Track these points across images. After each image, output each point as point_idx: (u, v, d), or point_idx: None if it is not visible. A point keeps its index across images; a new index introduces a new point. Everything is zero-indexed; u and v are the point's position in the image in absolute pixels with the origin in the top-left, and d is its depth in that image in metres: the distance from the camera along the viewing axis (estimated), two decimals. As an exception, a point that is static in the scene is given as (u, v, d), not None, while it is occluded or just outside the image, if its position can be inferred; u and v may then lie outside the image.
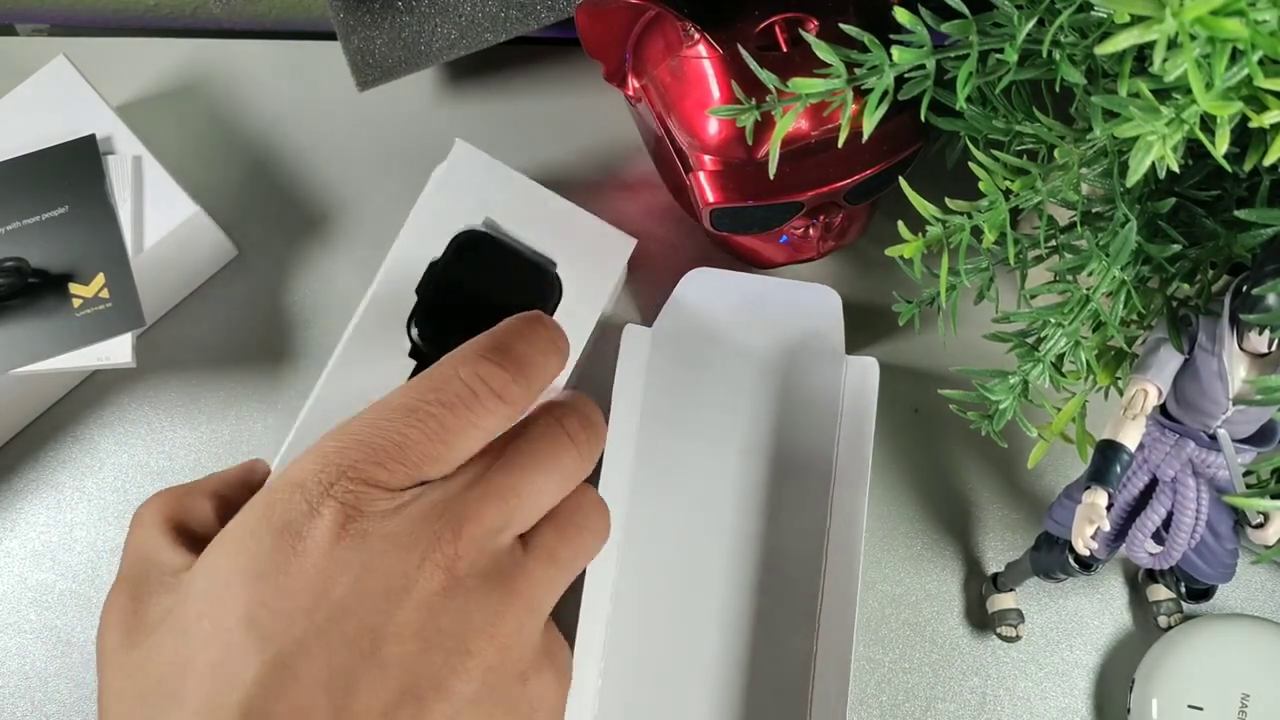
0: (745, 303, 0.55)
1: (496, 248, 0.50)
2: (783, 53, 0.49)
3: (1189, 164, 0.42)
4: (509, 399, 0.39)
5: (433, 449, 0.37)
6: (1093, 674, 0.55)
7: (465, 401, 0.37)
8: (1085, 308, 0.43)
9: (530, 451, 0.39)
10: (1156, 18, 0.30)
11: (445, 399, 0.37)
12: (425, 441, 0.37)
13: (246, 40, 0.64)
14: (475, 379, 0.38)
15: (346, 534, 0.35)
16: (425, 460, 0.37)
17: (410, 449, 0.36)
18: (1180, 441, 0.42)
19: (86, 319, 0.51)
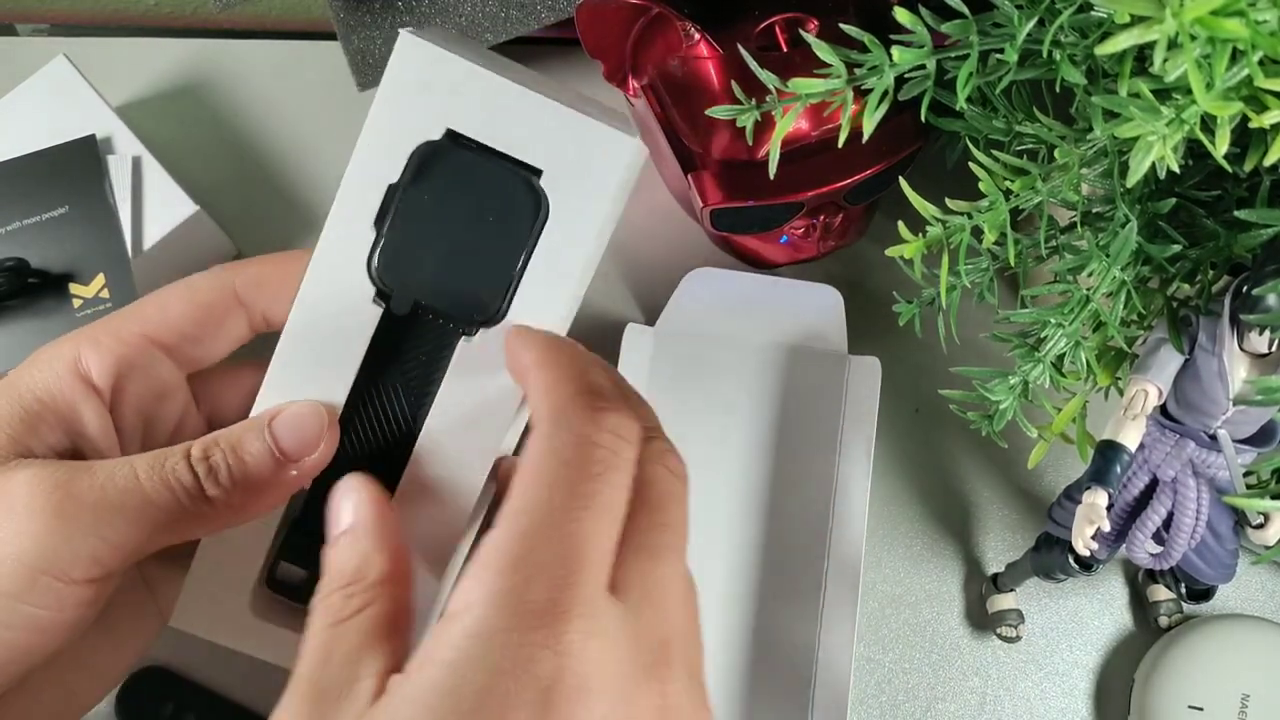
0: (747, 302, 0.55)
1: (463, 159, 0.40)
2: (783, 53, 0.49)
3: (1189, 164, 0.42)
4: (637, 441, 0.34)
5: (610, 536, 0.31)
6: (1093, 674, 0.55)
7: (612, 466, 0.32)
8: (1086, 308, 0.43)
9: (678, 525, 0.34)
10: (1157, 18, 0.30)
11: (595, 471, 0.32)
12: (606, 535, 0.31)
13: (246, 40, 0.64)
14: (613, 439, 0.33)
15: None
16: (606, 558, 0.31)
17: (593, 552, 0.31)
18: (1180, 442, 0.42)
19: (87, 319, 0.51)
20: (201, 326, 0.40)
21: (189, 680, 0.53)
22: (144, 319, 0.39)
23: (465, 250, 0.38)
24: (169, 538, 0.36)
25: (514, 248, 0.39)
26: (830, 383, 0.55)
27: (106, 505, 0.34)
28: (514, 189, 0.40)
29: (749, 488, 0.54)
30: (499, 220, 0.39)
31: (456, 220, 0.40)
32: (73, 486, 0.34)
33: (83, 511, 0.34)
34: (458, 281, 0.39)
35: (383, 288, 0.39)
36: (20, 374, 0.38)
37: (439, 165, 0.39)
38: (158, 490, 0.35)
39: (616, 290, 0.60)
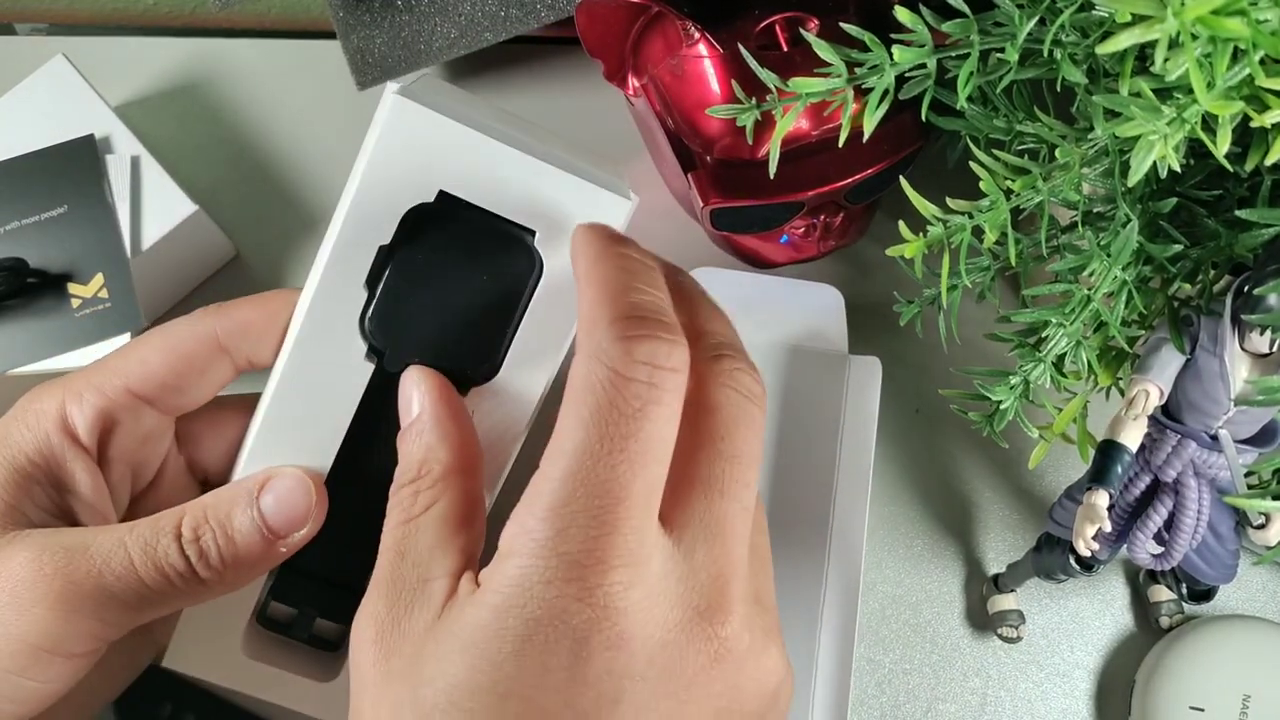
0: (747, 302, 0.55)
1: (456, 221, 0.40)
2: (783, 52, 0.49)
3: (1190, 164, 0.42)
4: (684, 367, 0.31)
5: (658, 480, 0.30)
6: (1094, 675, 0.55)
7: (651, 400, 0.30)
8: (1087, 308, 0.43)
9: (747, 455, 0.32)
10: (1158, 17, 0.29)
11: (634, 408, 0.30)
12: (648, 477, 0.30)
13: (246, 40, 0.64)
14: (649, 370, 0.30)
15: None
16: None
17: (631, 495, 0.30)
18: (1182, 442, 0.42)
19: (85, 319, 0.51)
20: (183, 377, 0.40)
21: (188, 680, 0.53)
22: (125, 373, 0.39)
23: (459, 310, 0.38)
24: (163, 611, 0.37)
25: (508, 307, 0.39)
26: (830, 382, 0.55)
27: (104, 592, 0.35)
28: (508, 249, 0.40)
29: (749, 488, 0.53)
30: (493, 280, 0.39)
31: (450, 280, 0.40)
32: (72, 573, 0.35)
33: (83, 600, 0.35)
34: (452, 340, 0.39)
35: (376, 346, 0.39)
36: (7, 431, 0.38)
37: (432, 226, 0.39)
38: (152, 576, 0.36)
39: (616, 290, 0.59)
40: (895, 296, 0.50)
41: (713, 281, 0.55)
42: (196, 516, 0.37)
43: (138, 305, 0.52)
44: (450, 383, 0.37)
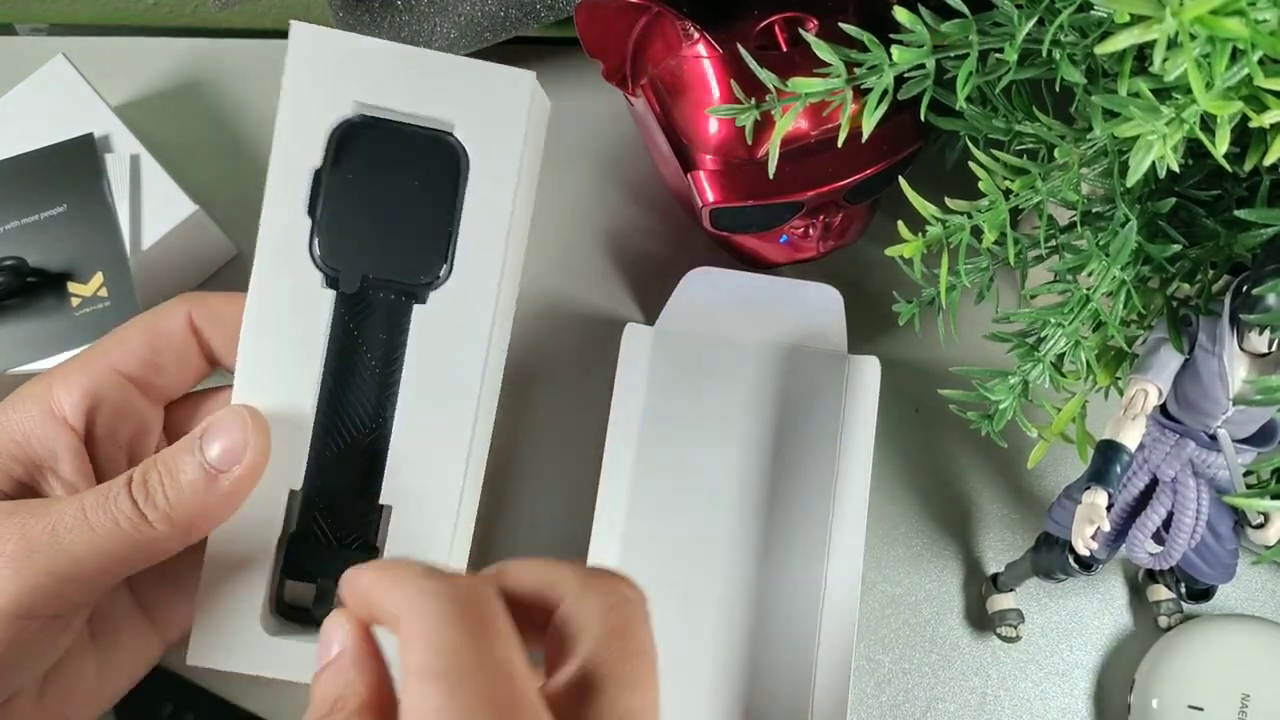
0: (747, 302, 0.55)
1: (380, 131, 0.41)
2: (782, 52, 0.49)
3: (1189, 164, 0.42)
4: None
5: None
6: (1093, 674, 0.55)
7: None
8: (1085, 308, 0.43)
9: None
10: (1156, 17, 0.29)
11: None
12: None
13: (245, 39, 0.64)
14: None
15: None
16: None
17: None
18: (1180, 441, 0.42)
19: (85, 318, 0.51)
20: (160, 354, 0.40)
21: (188, 680, 0.53)
22: (105, 350, 0.40)
23: (400, 217, 0.39)
24: (128, 567, 0.37)
25: (444, 204, 0.40)
26: (830, 382, 0.55)
27: (59, 548, 0.35)
28: (431, 149, 0.41)
29: (748, 487, 0.53)
30: (424, 181, 0.41)
31: (385, 190, 0.41)
32: (26, 530, 0.35)
33: (39, 555, 0.35)
34: (399, 249, 0.40)
35: (329, 271, 0.40)
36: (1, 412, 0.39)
37: (356, 142, 0.41)
38: (102, 524, 0.36)
39: (616, 290, 0.59)
40: (894, 296, 0.50)
41: (712, 281, 0.55)
42: (146, 465, 0.37)
43: (138, 304, 0.52)
44: (369, 631, 0.33)
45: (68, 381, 0.39)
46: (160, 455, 0.37)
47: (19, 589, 0.35)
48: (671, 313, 0.55)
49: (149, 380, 0.41)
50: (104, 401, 0.39)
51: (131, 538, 0.36)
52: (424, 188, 0.40)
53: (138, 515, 0.36)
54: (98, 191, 0.53)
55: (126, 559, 0.36)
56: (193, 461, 0.37)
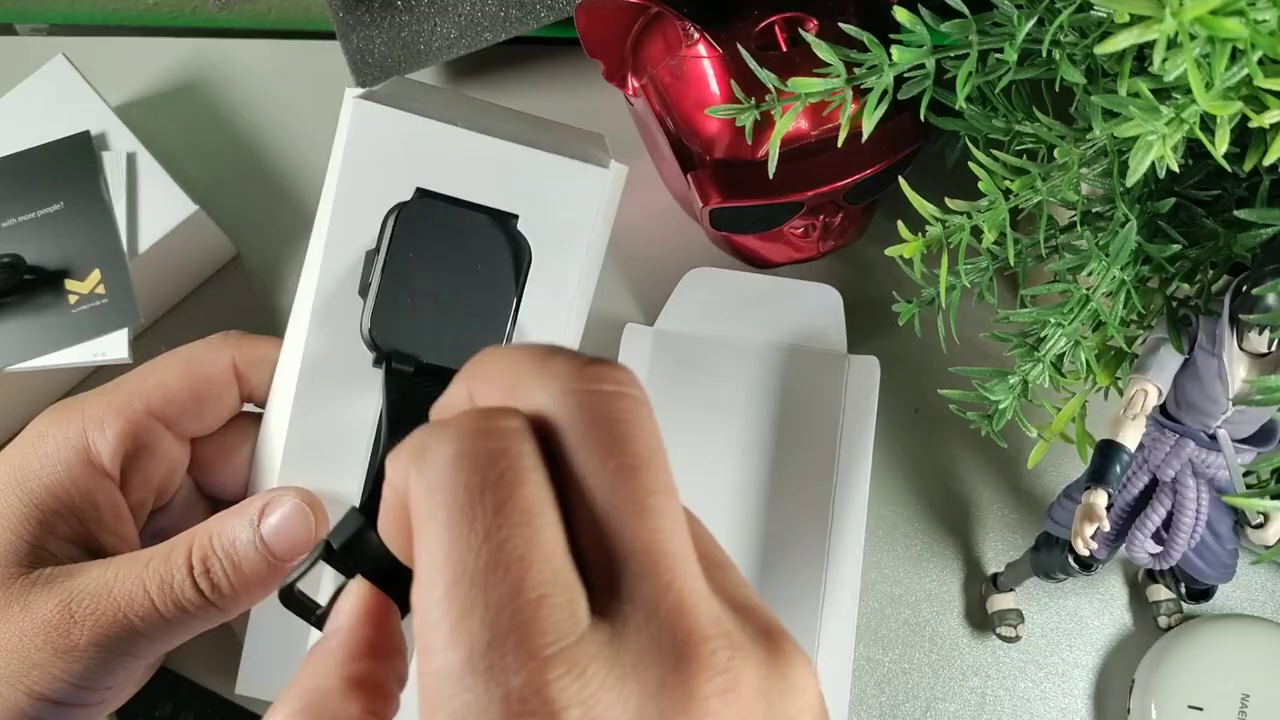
0: (746, 302, 0.55)
1: (439, 215, 0.39)
2: (782, 52, 0.49)
3: (1189, 164, 0.42)
4: (523, 420, 0.24)
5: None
6: (1093, 674, 0.55)
7: (509, 462, 0.23)
8: (1085, 308, 0.43)
9: (649, 457, 0.24)
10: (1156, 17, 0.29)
11: (488, 483, 0.23)
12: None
13: (245, 40, 0.64)
14: (490, 435, 0.23)
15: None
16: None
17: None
18: (1180, 441, 0.42)
19: (83, 315, 0.51)
20: (201, 401, 0.41)
21: (188, 680, 0.53)
22: (146, 396, 0.40)
23: (457, 303, 0.38)
24: (186, 637, 0.38)
25: (504, 293, 0.39)
26: (829, 382, 0.55)
27: (131, 632, 0.36)
28: (494, 236, 0.40)
29: (748, 487, 0.53)
30: (485, 269, 0.39)
31: (443, 275, 0.39)
32: (100, 617, 0.36)
33: (114, 642, 0.36)
34: (455, 334, 0.39)
35: (382, 351, 0.38)
36: (26, 463, 0.38)
37: (415, 224, 0.39)
38: (171, 611, 0.37)
39: (616, 290, 0.59)
40: (894, 296, 0.50)
41: (712, 281, 0.55)
42: (204, 546, 0.37)
43: (135, 301, 0.52)
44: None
45: (103, 426, 0.39)
46: (215, 535, 0.38)
47: (97, 672, 0.36)
48: (671, 312, 0.55)
49: (184, 424, 0.41)
50: (140, 448, 0.39)
51: (198, 618, 0.37)
52: (484, 275, 0.39)
53: (204, 602, 0.37)
54: (95, 189, 0.53)
55: (190, 632, 0.38)
56: (251, 548, 0.38)
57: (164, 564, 0.37)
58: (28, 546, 0.37)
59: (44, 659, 0.36)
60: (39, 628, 0.36)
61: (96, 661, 0.36)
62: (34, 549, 0.37)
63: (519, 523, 0.22)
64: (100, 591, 0.36)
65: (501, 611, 0.21)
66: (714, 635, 0.23)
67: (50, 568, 0.37)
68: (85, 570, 0.37)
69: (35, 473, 0.38)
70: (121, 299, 0.52)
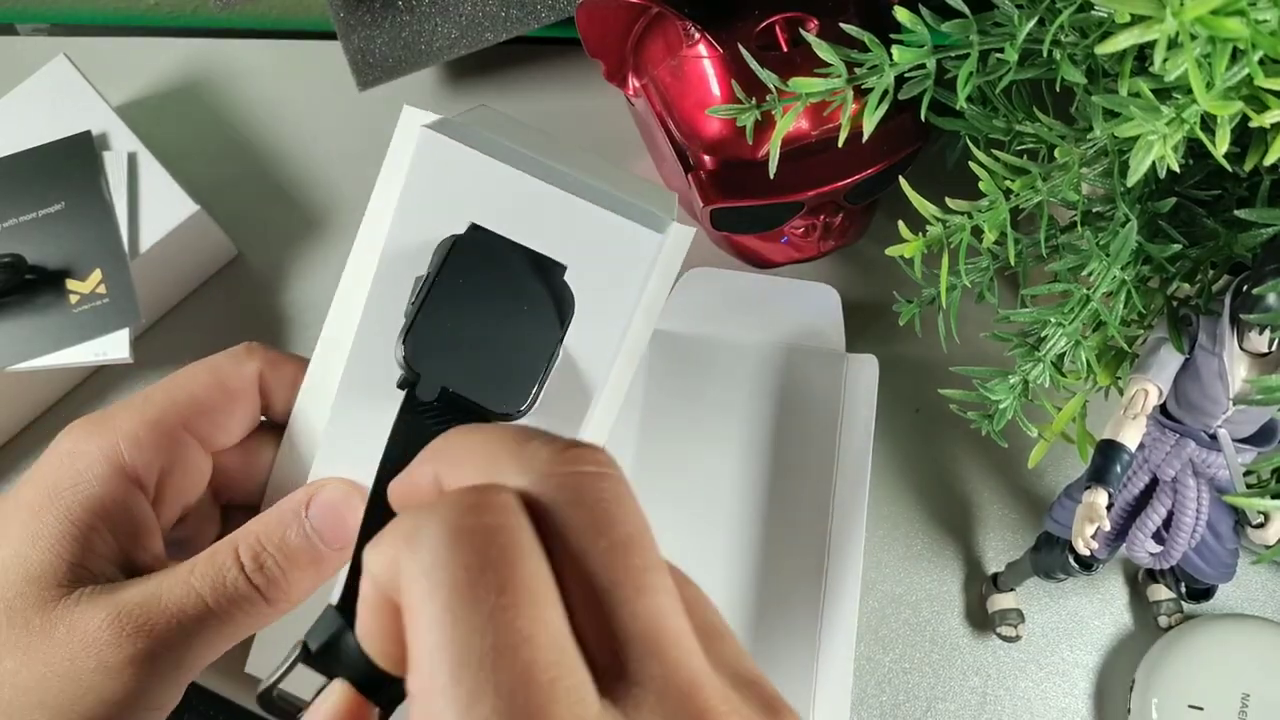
0: (745, 302, 0.55)
1: (494, 250, 0.40)
2: (783, 52, 0.49)
3: (1189, 164, 0.42)
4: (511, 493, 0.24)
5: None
6: (1093, 674, 0.55)
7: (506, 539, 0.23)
8: (1086, 307, 0.43)
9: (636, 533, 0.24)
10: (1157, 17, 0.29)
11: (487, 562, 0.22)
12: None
13: (246, 40, 0.64)
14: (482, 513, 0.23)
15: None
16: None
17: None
18: (1181, 441, 0.42)
19: (84, 315, 0.51)
20: (229, 415, 0.40)
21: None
22: (179, 409, 0.39)
23: (497, 340, 0.38)
24: (239, 638, 0.37)
25: (542, 340, 0.39)
26: (828, 381, 0.55)
27: (187, 639, 0.35)
28: (541, 283, 0.39)
29: (748, 487, 0.53)
30: (528, 312, 0.39)
31: (487, 310, 0.39)
32: (152, 628, 0.35)
33: (169, 652, 0.35)
34: (486, 370, 0.38)
35: (409, 373, 0.38)
36: (59, 481, 0.37)
37: (469, 256, 0.39)
38: (226, 610, 0.36)
39: (616, 290, 0.59)
40: (895, 296, 0.50)
41: (711, 281, 0.55)
42: (252, 545, 0.37)
43: (136, 301, 0.52)
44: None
45: (138, 440, 0.38)
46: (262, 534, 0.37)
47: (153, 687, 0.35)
48: (670, 312, 0.55)
49: (214, 438, 0.40)
50: (174, 462, 0.39)
51: (252, 616, 0.37)
52: (527, 319, 0.38)
53: (259, 596, 0.37)
54: (96, 189, 0.53)
55: (243, 633, 0.37)
56: (301, 536, 0.37)
57: (211, 566, 0.37)
58: (67, 566, 0.36)
59: (97, 681, 0.35)
60: (89, 647, 0.35)
61: (150, 676, 0.35)
62: (74, 568, 0.36)
63: (525, 602, 0.21)
64: (148, 602, 0.36)
65: (515, 696, 0.20)
66: (727, 712, 0.23)
67: (91, 586, 0.36)
68: (127, 585, 0.36)
69: (70, 490, 0.37)
70: (122, 299, 0.52)
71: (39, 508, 0.37)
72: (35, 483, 0.37)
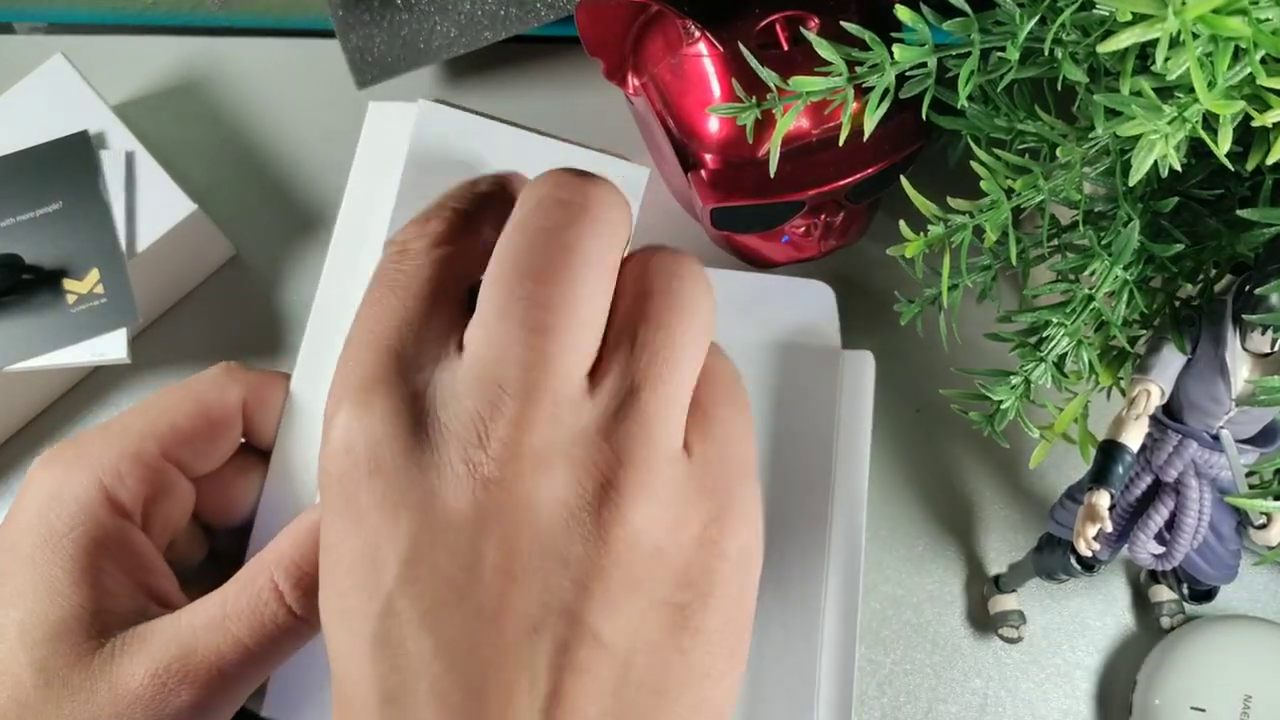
0: (738, 300, 0.55)
1: None
2: (784, 51, 0.48)
3: (1191, 163, 0.42)
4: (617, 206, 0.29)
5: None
6: (1095, 675, 0.55)
7: (581, 218, 0.27)
8: (1088, 307, 0.42)
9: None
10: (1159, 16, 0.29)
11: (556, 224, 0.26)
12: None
13: (245, 38, 0.64)
14: (577, 187, 0.28)
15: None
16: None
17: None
18: (1183, 442, 0.42)
19: (81, 314, 0.51)
20: (211, 442, 0.39)
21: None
22: (159, 439, 0.38)
23: None
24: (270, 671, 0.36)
25: None
26: (824, 378, 0.55)
27: (228, 682, 0.35)
28: None
29: (749, 488, 0.53)
30: None
31: None
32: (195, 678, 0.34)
33: (214, 698, 0.34)
34: None
35: None
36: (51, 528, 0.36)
37: None
38: (264, 644, 0.35)
39: (616, 289, 0.59)
40: (896, 296, 0.50)
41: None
42: (289, 570, 0.36)
43: (134, 300, 0.51)
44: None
45: (119, 473, 0.37)
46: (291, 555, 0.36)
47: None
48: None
49: (195, 465, 0.39)
50: (158, 492, 0.38)
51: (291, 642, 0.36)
52: None
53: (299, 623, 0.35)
54: (93, 188, 0.53)
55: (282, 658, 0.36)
56: None
57: (247, 602, 0.35)
58: (90, 615, 0.35)
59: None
60: (134, 704, 0.34)
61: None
62: (97, 615, 0.35)
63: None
64: (186, 652, 0.35)
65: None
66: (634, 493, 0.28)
67: (119, 634, 0.35)
68: (157, 630, 0.35)
69: (67, 535, 0.36)
70: (120, 298, 0.51)
71: (40, 560, 0.35)
72: (26, 530, 0.36)
